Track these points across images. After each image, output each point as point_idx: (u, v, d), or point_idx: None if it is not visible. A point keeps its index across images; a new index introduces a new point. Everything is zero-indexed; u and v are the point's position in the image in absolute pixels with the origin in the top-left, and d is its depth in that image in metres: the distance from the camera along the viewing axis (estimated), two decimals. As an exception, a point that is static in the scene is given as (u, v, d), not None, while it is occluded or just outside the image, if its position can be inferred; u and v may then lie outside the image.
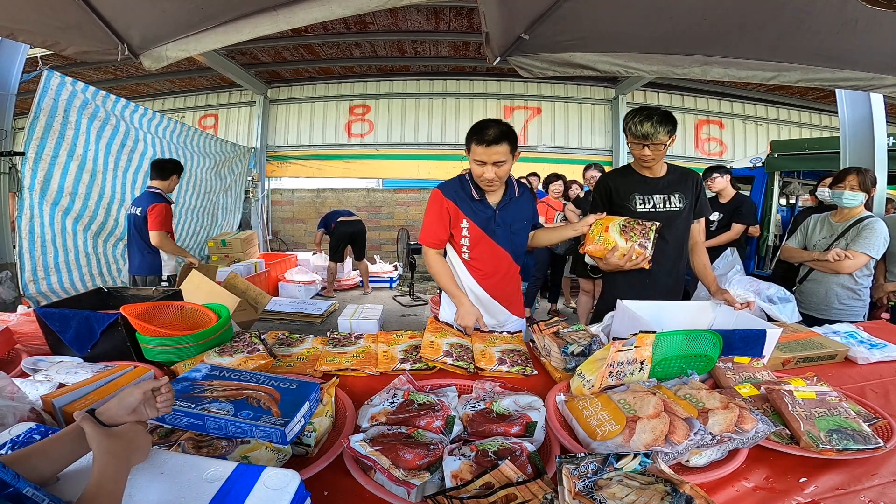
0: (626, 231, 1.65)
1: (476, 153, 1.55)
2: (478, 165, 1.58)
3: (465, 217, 1.69)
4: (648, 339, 1.11)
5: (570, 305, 5.31)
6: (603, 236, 1.69)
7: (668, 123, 1.67)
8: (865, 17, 1.65)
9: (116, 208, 3.83)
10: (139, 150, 3.93)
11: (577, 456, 0.77)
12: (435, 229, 1.72)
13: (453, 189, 1.71)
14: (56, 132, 3.07)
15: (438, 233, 1.72)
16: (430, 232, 1.73)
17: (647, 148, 1.71)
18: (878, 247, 2.12)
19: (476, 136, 1.54)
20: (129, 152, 3.81)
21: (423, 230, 1.75)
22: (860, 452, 0.92)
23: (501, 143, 1.52)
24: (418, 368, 1.31)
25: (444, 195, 1.69)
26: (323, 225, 5.58)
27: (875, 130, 3.17)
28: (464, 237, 1.71)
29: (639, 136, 1.69)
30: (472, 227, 1.69)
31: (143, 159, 4.02)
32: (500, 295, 1.79)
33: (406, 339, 1.49)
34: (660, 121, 1.66)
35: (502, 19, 1.93)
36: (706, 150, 7.51)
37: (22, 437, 0.76)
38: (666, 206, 1.84)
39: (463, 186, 1.71)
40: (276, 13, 1.76)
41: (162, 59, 2.04)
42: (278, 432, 0.80)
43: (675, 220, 1.83)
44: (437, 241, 1.74)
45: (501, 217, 1.71)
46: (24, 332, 1.53)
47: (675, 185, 1.84)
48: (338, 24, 5.54)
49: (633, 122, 1.70)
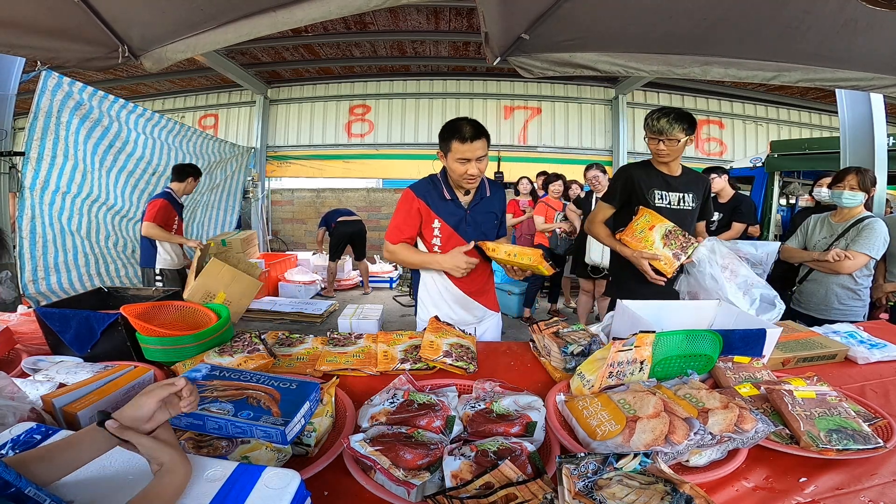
0: (669, 238, 1.76)
1: (459, 151, 1.56)
2: (461, 164, 1.58)
3: (436, 217, 1.70)
4: (648, 338, 1.11)
5: (570, 305, 5.31)
6: (646, 233, 1.80)
7: (683, 122, 1.81)
8: (865, 17, 1.65)
9: (106, 209, 3.83)
10: (126, 151, 3.93)
11: (576, 456, 0.77)
12: (403, 228, 1.72)
13: (425, 189, 1.71)
14: (52, 132, 3.08)
15: (406, 231, 1.72)
16: (398, 230, 1.73)
17: (662, 143, 1.85)
18: (878, 247, 2.12)
19: (457, 134, 1.55)
20: (115, 153, 3.81)
21: (391, 229, 1.74)
22: (860, 452, 0.92)
23: (481, 139, 1.55)
24: (418, 368, 1.31)
25: (416, 195, 1.70)
26: (324, 224, 5.57)
27: (875, 130, 3.17)
28: (435, 237, 1.72)
29: (655, 130, 1.85)
30: (444, 226, 1.70)
31: (129, 160, 4.02)
32: (472, 289, 1.79)
33: (406, 338, 1.49)
34: (676, 118, 1.81)
35: (502, 19, 1.93)
36: (706, 150, 7.51)
37: (22, 437, 0.76)
38: (681, 203, 1.96)
39: (435, 187, 1.71)
40: (275, 14, 1.76)
41: (162, 60, 2.04)
42: (278, 432, 0.80)
43: (687, 218, 1.96)
44: (401, 239, 1.74)
45: (472, 216, 1.73)
46: (24, 332, 1.53)
47: (690, 185, 1.98)
48: (338, 24, 5.54)
49: (651, 118, 1.86)
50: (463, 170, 1.59)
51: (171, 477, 0.64)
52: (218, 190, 6.00)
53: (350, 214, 5.59)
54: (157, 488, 0.63)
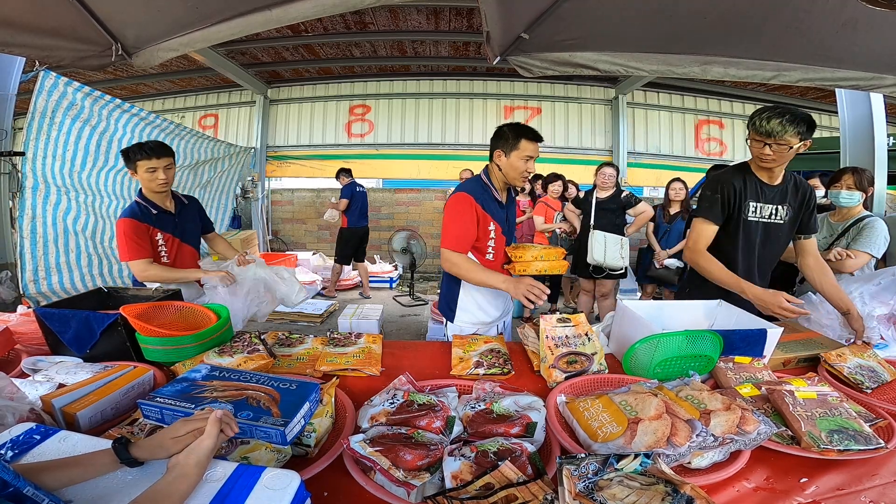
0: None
1: (527, 149, 1.65)
2: (523, 161, 1.66)
3: (491, 220, 1.72)
4: (581, 317, 1.40)
5: (571, 305, 5.31)
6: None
7: (800, 125, 1.49)
8: (865, 17, 1.65)
9: (104, 209, 3.83)
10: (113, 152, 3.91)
11: (577, 456, 0.77)
12: (465, 234, 1.67)
13: (479, 192, 1.71)
14: (45, 132, 3.08)
15: (469, 240, 1.68)
16: (462, 237, 1.67)
17: (769, 147, 1.56)
18: (880, 246, 2.12)
19: (531, 132, 1.65)
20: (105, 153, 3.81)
21: (451, 237, 1.66)
22: (861, 453, 0.92)
23: (541, 140, 1.69)
24: (493, 373, 1.30)
25: (475, 199, 1.67)
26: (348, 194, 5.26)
27: (875, 130, 3.17)
28: (490, 238, 1.74)
29: (763, 132, 1.54)
30: (497, 228, 1.75)
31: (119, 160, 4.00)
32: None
33: (482, 343, 1.49)
34: (792, 120, 1.49)
35: (502, 19, 1.92)
36: (706, 150, 7.51)
37: (21, 437, 0.76)
38: (772, 217, 1.70)
39: (485, 189, 1.73)
40: (269, 11, 1.75)
41: (154, 58, 2.02)
42: (278, 433, 0.80)
43: (776, 232, 1.72)
44: (466, 248, 1.69)
45: (508, 216, 1.83)
46: (24, 332, 1.52)
47: (786, 196, 1.70)
48: (338, 24, 5.53)
49: (759, 118, 1.56)
50: (525, 167, 1.67)
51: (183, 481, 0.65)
52: (210, 188, 5.82)
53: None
54: (166, 489, 0.63)
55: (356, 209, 5.30)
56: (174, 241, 2.05)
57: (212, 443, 0.69)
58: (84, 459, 0.69)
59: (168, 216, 2.04)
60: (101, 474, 0.69)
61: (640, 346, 1.24)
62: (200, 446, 0.68)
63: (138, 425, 0.94)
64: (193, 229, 2.20)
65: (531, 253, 1.71)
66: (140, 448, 0.70)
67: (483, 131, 7.26)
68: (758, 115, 1.57)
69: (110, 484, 0.68)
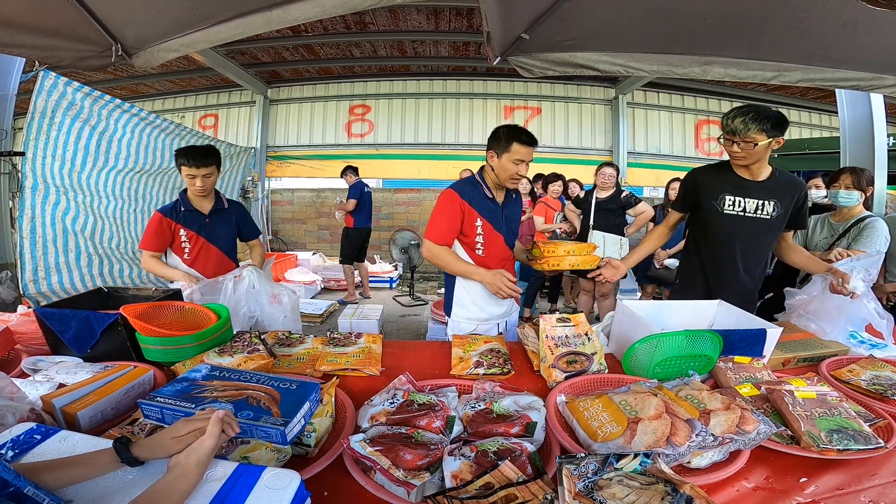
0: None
1: (519, 153, 1.69)
2: (514, 164, 1.71)
3: (479, 216, 1.78)
4: (580, 317, 1.40)
5: (570, 305, 5.31)
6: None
7: (763, 122, 1.55)
8: (865, 17, 1.65)
9: (104, 209, 3.82)
10: (113, 152, 3.91)
11: (577, 456, 0.77)
12: (447, 228, 1.78)
13: (468, 189, 1.80)
14: (44, 133, 3.08)
15: (451, 233, 1.79)
16: (441, 230, 1.78)
17: (737, 145, 1.61)
18: (880, 246, 2.12)
19: (524, 136, 1.69)
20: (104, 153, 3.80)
21: (435, 228, 1.78)
22: (861, 452, 0.92)
23: (535, 145, 1.73)
24: (493, 373, 1.30)
25: (460, 195, 1.77)
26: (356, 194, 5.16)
27: (875, 130, 3.18)
28: (478, 234, 1.80)
29: (728, 130, 1.62)
30: (486, 224, 1.80)
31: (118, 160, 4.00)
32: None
33: (482, 343, 1.50)
34: (754, 118, 1.55)
35: (502, 19, 1.92)
36: (706, 150, 7.51)
37: (22, 437, 0.76)
38: (757, 211, 1.72)
39: (475, 187, 1.81)
40: (269, 12, 1.75)
41: (154, 59, 2.02)
42: (278, 433, 0.80)
43: (763, 228, 1.74)
44: (448, 241, 1.79)
45: (506, 214, 1.87)
46: (24, 332, 1.52)
47: (774, 192, 1.72)
48: (338, 24, 5.53)
49: (726, 117, 1.64)
50: (515, 170, 1.72)
51: (183, 481, 0.65)
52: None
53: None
54: (166, 488, 0.63)
55: (364, 209, 5.27)
56: (198, 240, 2.10)
57: (213, 443, 0.70)
58: (84, 459, 0.69)
59: (197, 216, 2.10)
60: (101, 474, 0.69)
61: (640, 345, 1.24)
62: (202, 446, 0.68)
63: (139, 425, 0.95)
64: (226, 234, 2.20)
65: (563, 248, 1.76)
66: (141, 447, 0.70)
67: (483, 131, 7.27)
68: (726, 114, 1.65)
69: (111, 483, 0.68)
